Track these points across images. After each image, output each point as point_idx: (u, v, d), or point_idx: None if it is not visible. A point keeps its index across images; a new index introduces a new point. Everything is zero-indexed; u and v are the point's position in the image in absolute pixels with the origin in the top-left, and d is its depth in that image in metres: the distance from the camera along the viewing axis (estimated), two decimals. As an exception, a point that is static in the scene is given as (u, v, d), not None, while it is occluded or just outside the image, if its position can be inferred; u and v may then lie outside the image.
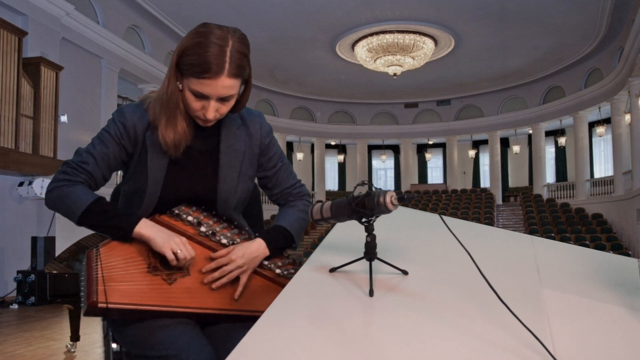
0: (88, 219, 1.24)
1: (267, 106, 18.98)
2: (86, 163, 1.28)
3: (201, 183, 1.36)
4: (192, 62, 1.18)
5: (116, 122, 1.31)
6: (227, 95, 1.23)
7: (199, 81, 1.19)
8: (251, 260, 1.29)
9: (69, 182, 1.26)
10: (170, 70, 1.25)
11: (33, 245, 7.23)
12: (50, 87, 7.91)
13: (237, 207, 1.41)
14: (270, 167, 1.45)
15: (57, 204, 1.27)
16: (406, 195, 1.03)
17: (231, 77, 1.20)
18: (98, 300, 1.10)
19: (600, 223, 14.15)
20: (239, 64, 1.20)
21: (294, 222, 1.41)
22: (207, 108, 1.23)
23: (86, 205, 1.23)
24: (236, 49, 1.20)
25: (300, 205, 1.47)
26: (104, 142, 1.30)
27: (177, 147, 1.29)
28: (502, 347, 0.85)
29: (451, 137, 20.29)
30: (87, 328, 4.54)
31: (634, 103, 12.55)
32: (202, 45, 1.18)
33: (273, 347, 0.83)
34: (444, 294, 1.06)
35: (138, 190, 1.32)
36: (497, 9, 12.22)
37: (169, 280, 1.20)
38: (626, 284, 1.21)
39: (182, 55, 1.21)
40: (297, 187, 1.49)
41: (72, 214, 1.25)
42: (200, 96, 1.22)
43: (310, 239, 16.22)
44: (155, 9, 11.97)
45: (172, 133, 1.27)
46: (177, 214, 1.33)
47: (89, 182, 1.29)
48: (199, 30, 1.21)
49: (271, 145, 1.44)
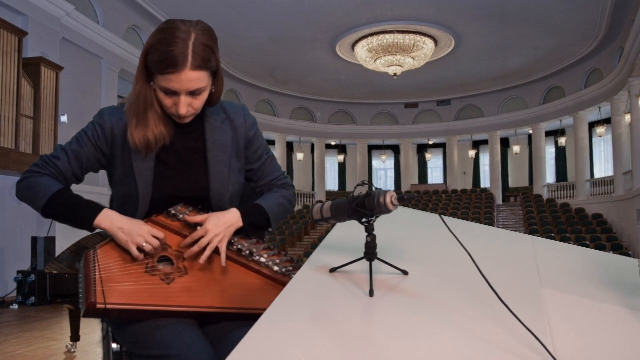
0: (51, 209, 1.25)
1: (267, 106, 18.98)
2: (57, 158, 1.30)
3: (192, 181, 1.36)
4: (156, 58, 1.19)
5: (94, 123, 1.32)
6: (195, 88, 1.22)
7: (164, 77, 1.20)
8: (226, 228, 1.29)
9: (36, 174, 1.28)
10: (138, 71, 1.25)
11: (33, 245, 7.24)
12: (50, 87, 7.91)
13: (232, 201, 1.41)
14: (256, 159, 1.45)
15: (24, 194, 1.28)
16: (406, 195, 1.03)
17: (195, 70, 1.19)
18: (96, 301, 1.10)
19: (600, 223, 14.14)
20: (203, 56, 1.20)
21: (273, 205, 1.41)
22: (179, 104, 1.24)
23: (48, 196, 1.24)
24: (199, 41, 1.20)
25: (284, 193, 1.47)
26: (79, 141, 1.32)
27: (148, 147, 1.29)
28: (502, 347, 0.85)
29: (451, 137, 20.29)
30: (87, 328, 4.54)
31: (634, 103, 12.54)
32: (164, 41, 1.18)
33: (273, 346, 0.83)
34: (444, 294, 1.06)
35: (129, 194, 1.32)
36: (497, 9, 12.21)
37: (167, 280, 1.20)
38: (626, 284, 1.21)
39: (147, 53, 1.21)
40: (282, 179, 1.50)
41: (35, 203, 1.26)
42: (169, 92, 1.23)
43: (310, 239, 16.22)
44: (155, 9, 11.97)
45: (141, 132, 1.28)
46: (174, 214, 1.33)
47: (57, 177, 1.30)
48: (162, 27, 1.22)
49: (256, 137, 1.45)
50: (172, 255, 1.26)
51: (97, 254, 1.20)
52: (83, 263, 1.18)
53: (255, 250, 1.35)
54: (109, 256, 1.21)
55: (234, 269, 1.31)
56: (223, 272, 1.28)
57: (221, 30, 13.89)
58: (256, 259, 1.33)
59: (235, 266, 1.31)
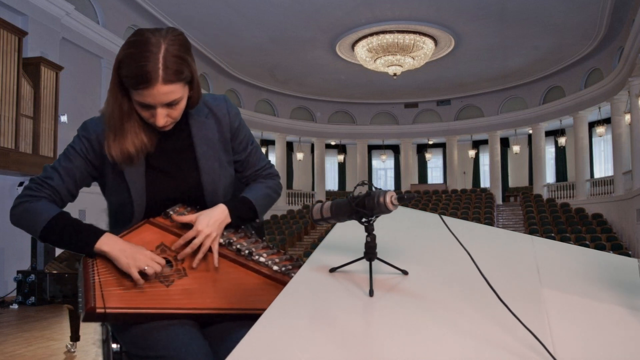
0: (49, 235, 1.21)
1: (267, 106, 18.98)
2: (50, 178, 1.27)
3: (184, 180, 1.35)
4: (128, 74, 1.17)
5: (80, 137, 1.30)
6: (170, 100, 1.20)
7: (137, 92, 1.18)
8: (217, 227, 1.29)
9: (32, 198, 1.24)
10: (111, 84, 1.23)
11: (33, 245, 7.24)
12: (50, 87, 7.91)
13: (226, 195, 1.41)
14: (242, 150, 1.44)
15: (20, 220, 1.24)
16: (406, 195, 1.03)
17: (167, 84, 1.17)
18: (96, 306, 1.10)
19: (600, 223, 14.14)
20: (175, 69, 1.17)
21: (259, 196, 1.41)
22: (155, 116, 1.22)
23: (47, 221, 1.21)
24: (170, 53, 1.17)
25: (269, 183, 1.47)
26: (68, 157, 1.29)
27: (129, 159, 1.27)
28: (502, 347, 0.85)
29: (451, 137, 20.29)
30: (87, 328, 4.54)
31: (634, 103, 12.54)
32: (134, 56, 1.15)
33: (273, 347, 0.83)
34: (444, 294, 1.06)
35: (124, 202, 1.32)
36: (497, 9, 12.21)
37: (167, 282, 1.20)
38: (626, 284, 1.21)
39: (118, 68, 1.19)
40: (267, 169, 1.50)
41: (34, 230, 1.22)
42: (145, 106, 1.21)
43: (310, 239, 16.21)
44: (155, 9, 11.97)
45: (118, 147, 1.25)
46: (171, 215, 1.33)
47: (54, 197, 1.27)
48: (131, 40, 1.19)
49: (240, 127, 1.44)
50: (171, 258, 1.26)
51: (96, 258, 1.20)
52: (82, 267, 1.18)
53: (254, 249, 1.34)
54: (108, 260, 1.20)
55: (233, 269, 1.30)
56: (222, 272, 1.28)
57: (221, 30, 13.96)
58: (255, 259, 1.33)
59: (234, 266, 1.31)
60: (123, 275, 1.18)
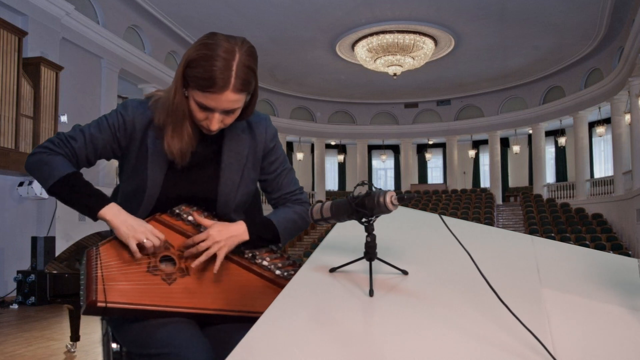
0: (59, 190, 1.24)
1: (267, 106, 18.98)
2: (74, 139, 1.29)
3: (201, 185, 1.35)
4: (197, 75, 1.17)
5: (118, 112, 1.32)
6: (232, 108, 1.22)
7: (203, 94, 1.18)
8: (228, 238, 1.27)
9: (50, 151, 1.27)
10: (176, 79, 1.23)
11: (33, 245, 7.23)
12: (50, 87, 7.90)
13: (238, 209, 1.41)
14: (272, 170, 1.43)
15: (35, 168, 1.27)
16: (406, 195, 1.03)
17: (236, 92, 1.18)
18: (97, 300, 1.10)
19: (600, 223, 14.14)
20: (245, 79, 1.19)
21: (283, 220, 1.38)
22: (211, 119, 1.23)
23: (61, 176, 1.23)
24: (243, 63, 1.18)
25: (297, 209, 1.43)
26: (99, 126, 1.31)
27: (183, 156, 1.29)
28: (502, 347, 0.85)
29: (451, 137, 20.29)
30: (87, 328, 4.54)
31: (634, 103, 12.54)
32: (207, 58, 1.16)
33: (273, 347, 0.83)
34: (444, 294, 1.06)
35: (137, 190, 1.32)
36: (497, 9, 12.21)
37: (169, 280, 1.20)
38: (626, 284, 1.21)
39: (188, 66, 1.19)
40: (297, 194, 1.47)
41: (45, 180, 1.24)
42: (205, 108, 1.22)
43: (310, 239, 16.21)
44: (155, 9, 11.97)
45: (178, 143, 1.27)
46: (178, 214, 1.33)
47: (70, 158, 1.29)
48: (206, 42, 1.19)
49: (275, 149, 1.43)
50: (174, 256, 1.26)
51: (100, 252, 1.20)
52: (85, 260, 1.18)
53: (257, 253, 1.34)
54: (111, 254, 1.21)
55: (235, 271, 1.30)
56: (225, 274, 1.28)
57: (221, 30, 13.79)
58: (258, 262, 1.33)
59: (237, 268, 1.31)
60: (126, 270, 1.18)
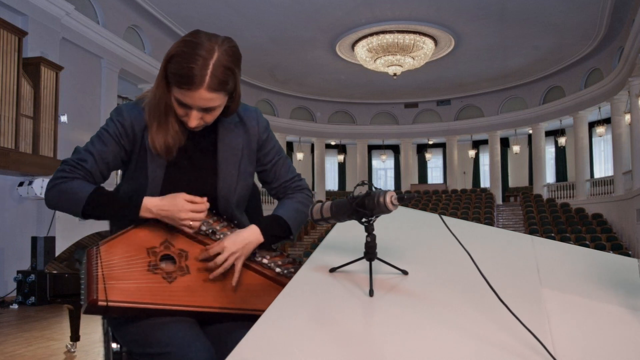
0: (91, 212, 1.25)
1: (267, 106, 18.97)
2: (84, 161, 1.29)
3: (200, 182, 1.36)
4: (175, 71, 1.19)
5: (114, 121, 1.32)
6: (208, 107, 1.23)
7: (180, 91, 1.20)
8: (244, 247, 1.28)
9: (66, 179, 1.26)
10: (159, 76, 1.25)
11: (33, 245, 7.23)
12: (50, 87, 7.90)
13: (239, 204, 1.42)
14: (268, 161, 1.45)
15: (57, 202, 1.27)
16: (406, 195, 1.03)
17: (211, 91, 1.19)
18: (98, 299, 1.11)
19: (600, 223, 14.14)
20: (221, 79, 1.19)
21: (291, 212, 1.41)
22: (190, 116, 1.24)
23: (87, 197, 1.24)
24: (221, 62, 1.19)
25: (299, 197, 1.46)
26: (103, 140, 1.31)
27: (169, 151, 1.30)
28: (502, 347, 0.85)
29: (451, 137, 20.29)
30: (87, 328, 4.54)
31: (634, 103, 12.54)
32: (186, 55, 1.17)
33: (273, 346, 0.83)
34: (444, 294, 1.06)
35: (137, 190, 1.33)
36: (497, 9, 12.21)
37: (169, 279, 1.21)
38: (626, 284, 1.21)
39: (169, 61, 1.21)
40: (296, 181, 1.49)
41: (75, 208, 1.25)
42: (183, 104, 1.23)
43: (310, 239, 16.21)
44: (155, 9, 11.97)
45: (162, 138, 1.28)
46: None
47: (87, 179, 1.29)
48: (187, 39, 1.21)
49: (269, 140, 1.45)
50: (174, 254, 1.26)
51: (100, 251, 1.20)
52: (86, 260, 1.18)
53: (257, 251, 1.34)
54: (112, 253, 1.21)
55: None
56: (225, 272, 1.28)
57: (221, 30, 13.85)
58: (259, 260, 1.33)
59: None
60: (126, 269, 1.19)
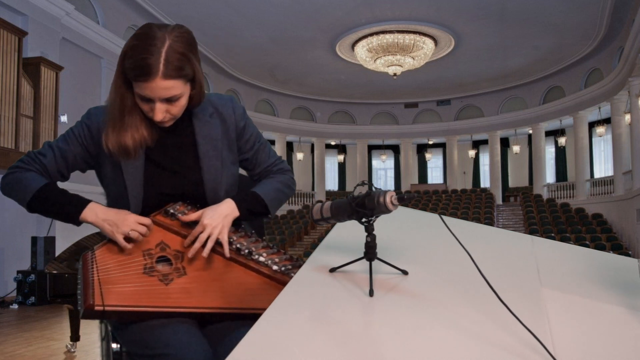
0: (37, 205, 1.26)
1: (267, 106, 18.98)
2: (43, 155, 1.30)
3: (185, 177, 1.36)
4: (129, 65, 1.18)
5: (82, 123, 1.33)
6: (169, 96, 1.21)
7: (138, 84, 1.20)
8: (223, 219, 1.29)
9: (21, 169, 1.28)
10: (115, 76, 1.25)
11: (33, 245, 7.24)
12: (50, 87, 7.90)
13: (227, 194, 1.41)
14: (248, 149, 1.45)
15: (9, 190, 1.29)
16: (406, 195, 1.03)
17: (167, 79, 1.18)
18: (95, 303, 1.10)
19: (600, 223, 14.14)
20: (176, 65, 1.19)
21: (269, 190, 1.41)
22: (154, 110, 1.23)
23: (35, 190, 1.25)
24: (173, 49, 1.18)
25: (280, 178, 1.47)
26: (67, 139, 1.32)
27: (126, 152, 1.27)
28: (502, 347, 0.85)
29: (451, 137, 20.28)
30: (87, 328, 4.54)
31: (634, 103, 12.54)
32: (138, 48, 1.17)
33: (273, 346, 0.83)
34: (444, 294, 1.06)
35: (120, 194, 1.32)
36: (497, 9, 12.21)
37: (166, 281, 1.20)
38: (626, 284, 1.21)
39: (124, 59, 1.21)
40: (278, 164, 1.50)
41: (22, 198, 1.26)
42: (145, 99, 1.22)
43: (310, 239, 16.21)
44: (155, 9, 11.97)
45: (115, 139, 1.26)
46: (172, 214, 1.33)
47: (42, 173, 1.30)
48: (137, 33, 1.21)
49: (247, 127, 1.44)
50: (170, 256, 1.26)
51: (95, 255, 1.20)
52: (81, 265, 1.18)
53: (254, 249, 1.34)
54: (107, 257, 1.21)
55: (233, 269, 1.30)
56: (222, 272, 1.27)
57: (221, 30, 13.95)
58: (255, 258, 1.32)
59: (234, 266, 1.30)
60: (122, 273, 1.18)
